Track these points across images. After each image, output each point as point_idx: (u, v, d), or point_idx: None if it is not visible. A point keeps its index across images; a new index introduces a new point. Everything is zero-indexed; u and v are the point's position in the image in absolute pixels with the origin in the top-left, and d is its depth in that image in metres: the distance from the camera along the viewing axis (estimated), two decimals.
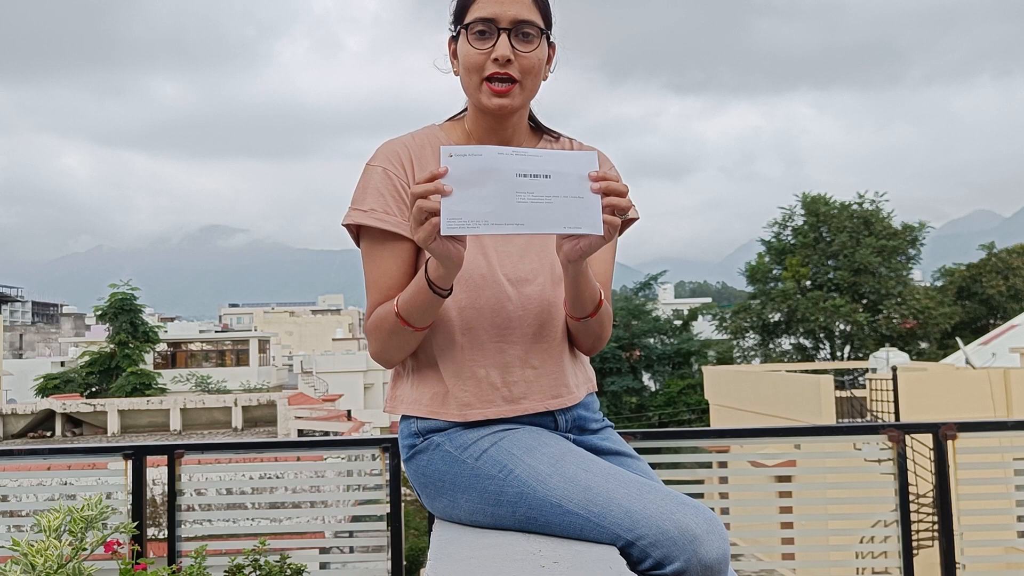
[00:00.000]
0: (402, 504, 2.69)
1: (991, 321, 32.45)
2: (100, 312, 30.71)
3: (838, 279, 31.58)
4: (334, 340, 55.09)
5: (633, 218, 1.68)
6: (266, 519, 2.94)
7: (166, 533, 2.70)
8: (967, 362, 16.33)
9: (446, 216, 1.27)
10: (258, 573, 2.49)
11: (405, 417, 1.60)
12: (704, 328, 38.27)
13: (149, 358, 32.51)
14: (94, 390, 29.57)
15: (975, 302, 33.48)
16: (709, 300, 60.77)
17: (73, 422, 22.33)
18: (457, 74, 1.60)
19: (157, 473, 2.78)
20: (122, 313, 30.17)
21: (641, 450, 2.09)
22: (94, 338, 37.98)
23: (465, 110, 1.66)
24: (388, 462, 2.70)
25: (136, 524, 2.31)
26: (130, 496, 2.68)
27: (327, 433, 20.01)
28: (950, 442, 2.75)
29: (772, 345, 33.18)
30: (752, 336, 33.59)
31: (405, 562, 2.67)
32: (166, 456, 2.72)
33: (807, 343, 32.66)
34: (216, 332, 47.30)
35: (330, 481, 2.88)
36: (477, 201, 1.29)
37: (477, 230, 1.28)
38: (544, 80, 1.61)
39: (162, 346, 37.61)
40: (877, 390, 14.06)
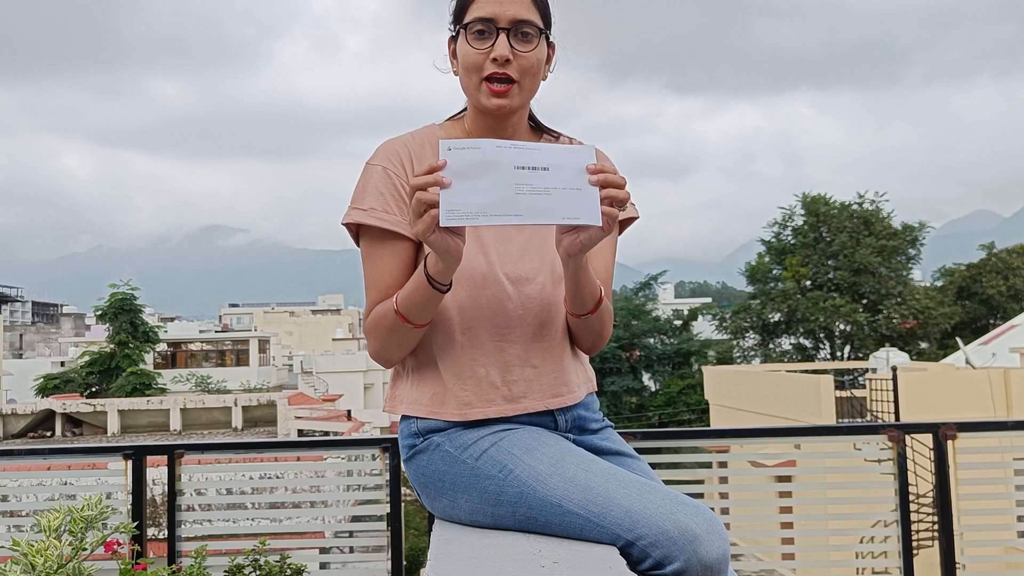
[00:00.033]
0: (402, 504, 2.69)
1: (991, 321, 32.45)
2: (100, 312, 30.72)
3: (838, 279, 31.58)
4: (334, 340, 55.09)
5: (633, 217, 1.69)
6: (266, 519, 2.94)
7: (166, 533, 2.70)
8: (967, 362, 16.33)
9: (445, 208, 1.27)
10: (258, 573, 2.49)
11: (405, 417, 1.60)
12: (704, 328, 38.27)
13: (149, 358, 32.51)
14: (94, 390, 29.57)
15: (975, 302, 33.48)
16: (709, 300, 60.76)
17: (73, 422, 22.33)
18: (457, 74, 1.60)
19: (157, 473, 2.78)
20: (122, 313, 30.18)
21: (641, 450, 2.09)
22: (94, 338, 37.99)
23: (465, 110, 1.66)
24: (388, 462, 2.70)
25: (136, 524, 2.31)
26: (130, 496, 2.68)
27: (327, 433, 20.00)
28: (950, 442, 2.75)
29: (772, 345, 33.18)
30: (752, 336, 33.59)
31: (405, 562, 2.67)
32: (166, 456, 2.72)
33: (807, 343, 32.66)
34: (216, 332, 47.31)
35: (330, 481, 2.88)
36: (476, 193, 1.28)
37: (476, 221, 1.28)
38: (544, 80, 1.61)
39: (162, 346, 37.61)
40: (877, 390, 14.06)
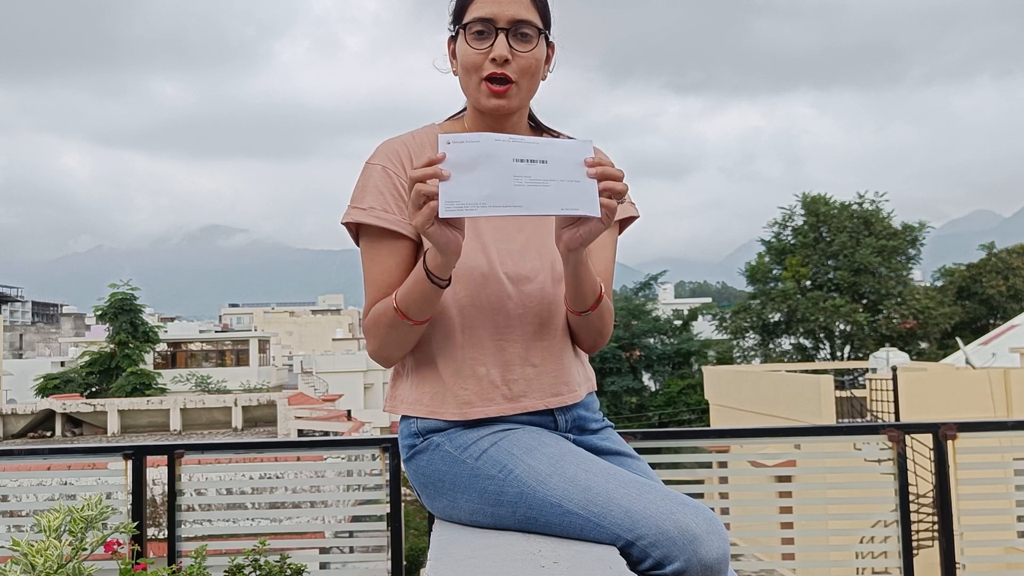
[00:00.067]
0: (402, 504, 2.69)
1: (991, 321, 32.46)
2: (100, 312, 30.72)
3: (838, 279, 31.58)
4: (334, 340, 55.09)
5: (633, 216, 1.69)
6: (266, 519, 2.94)
7: (166, 533, 2.70)
8: (967, 362, 16.33)
9: (444, 199, 1.27)
10: (258, 573, 2.49)
11: (405, 417, 1.60)
12: (704, 328, 38.27)
13: (149, 358, 32.52)
14: (94, 390, 29.57)
15: (975, 302, 33.49)
16: (709, 300, 60.76)
17: (73, 422, 22.34)
18: (456, 74, 1.60)
19: (157, 473, 2.78)
20: (122, 313, 30.19)
21: (641, 450, 2.09)
22: (94, 338, 37.99)
23: (464, 110, 1.66)
24: (388, 462, 2.70)
25: (136, 524, 2.31)
26: (130, 496, 2.68)
27: (327, 433, 20.00)
28: (950, 442, 2.75)
29: (772, 345, 33.18)
30: (752, 336, 33.59)
31: (405, 562, 2.67)
32: (166, 456, 2.72)
33: (807, 343, 32.66)
34: (216, 332, 47.31)
35: (330, 481, 2.88)
36: (475, 185, 1.29)
37: (475, 212, 1.28)
38: (543, 80, 1.61)
39: (162, 346, 37.62)
40: (877, 390, 14.06)
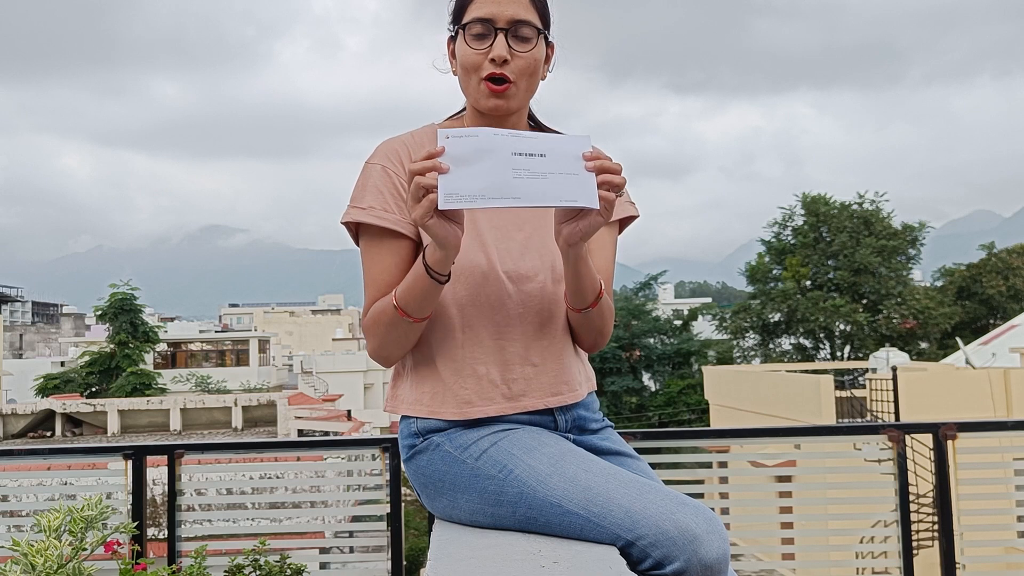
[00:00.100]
0: (402, 504, 2.69)
1: (991, 321, 32.46)
2: (100, 312, 30.72)
3: (838, 279, 31.58)
4: (334, 340, 55.08)
5: (633, 215, 1.69)
6: (266, 519, 2.94)
7: (166, 533, 2.70)
8: (967, 362, 16.33)
9: (443, 191, 1.28)
10: (258, 573, 2.49)
11: (405, 417, 1.60)
12: (704, 328, 38.26)
13: (149, 358, 32.51)
14: (94, 390, 29.57)
15: (975, 302, 33.48)
16: (709, 300, 60.75)
17: (73, 422, 22.34)
18: (456, 74, 1.60)
19: (157, 473, 2.78)
20: (122, 313, 30.18)
21: (641, 450, 2.09)
22: (94, 338, 37.99)
23: (464, 110, 1.66)
24: (388, 462, 2.70)
25: (136, 524, 2.31)
26: (130, 496, 2.68)
27: (327, 433, 20.00)
28: (950, 442, 2.75)
29: (772, 345, 33.18)
30: (752, 336, 33.59)
31: (405, 562, 2.67)
32: (166, 456, 2.72)
33: (807, 343, 32.66)
34: (216, 332, 47.31)
35: (330, 481, 2.88)
36: (473, 178, 1.30)
37: (474, 204, 1.29)
38: (543, 80, 1.61)
39: (162, 346, 37.62)
40: (877, 390, 14.06)
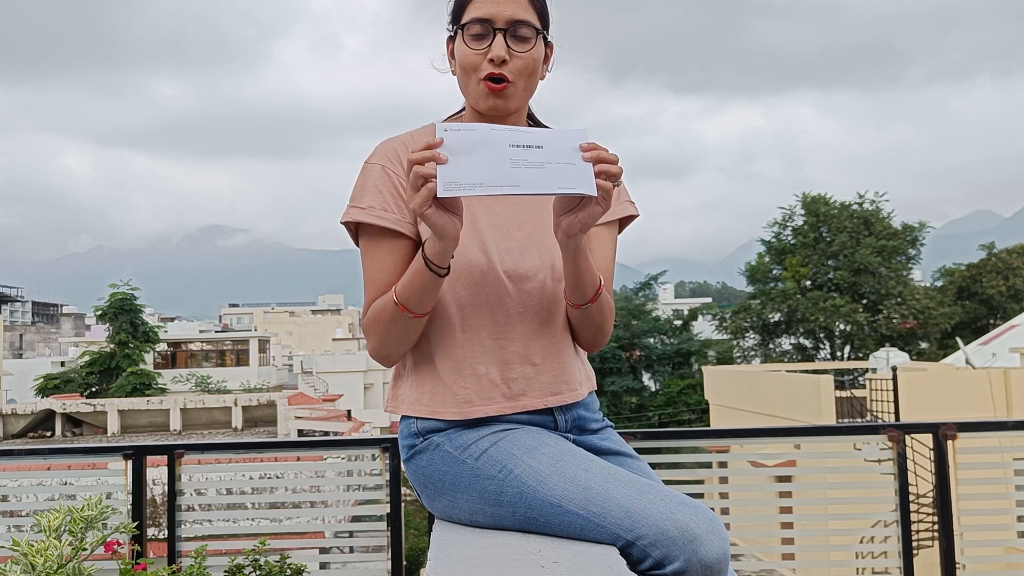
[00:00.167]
0: (402, 504, 2.69)
1: (991, 321, 32.45)
2: (100, 312, 30.72)
3: (838, 279, 31.58)
4: (334, 340, 55.08)
5: (633, 215, 1.69)
6: (266, 519, 2.94)
7: (166, 533, 2.70)
8: (967, 362, 16.33)
9: (442, 180, 1.30)
10: (258, 573, 2.49)
11: (405, 417, 1.60)
12: (704, 328, 38.26)
13: (149, 358, 32.51)
14: (94, 390, 29.57)
15: (975, 302, 33.48)
16: (709, 300, 60.76)
17: (73, 422, 22.34)
18: (455, 74, 1.60)
19: (157, 473, 2.78)
20: (122, 313, 30.18)
21: (641, 450, 2.09)
22: (94, 338, 37.99)
23: (463, 110, 1.66)
24: (388, 462, 2.70)
25: (136, 524, 2.31)
26: (130, 496, 2.68)
27: (327, 433, 20.01)
28: (950, 442, 2.75)
29: (772, 345, 33.17)
30: (752, 336, 33.59)
31: (405, 562, 2.67)
32: (166, 456, 2.72)
33: (807, 343, 32.65)
34: (216, 332, 47.31)
35: (330, 481, 2.88)
36: (472, 167, 1.32)
37: (473, 192, 1.30)
38: (542, 80, 1.61)
39: (162, 346, 37.62)
40: (877, 390, 14.06)
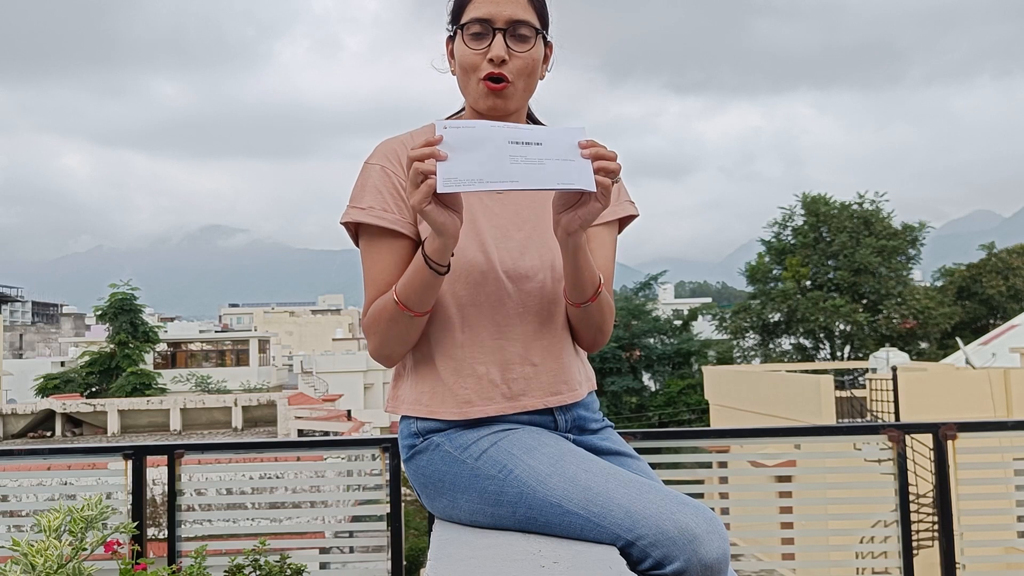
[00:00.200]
0: (402, 504, 2.69)
1: (991, 321, 32.45)
2: (100, 312, 30.72)
3: (838, 279, 31.58)
4: (334, 340, 55.09)
5: (633, 215, 1.69)
6: (266, 519, 2.94)
7: (166, 533, 2.70)
8: (967, 362, 16.33)
9: (442, 176, 1.31)
10: (258, 573, 2.49)
11: (405, 417, 1.60)
12: (704, 328, 38.26)
13: (149, 358, 32.52)
14: (94, 390, 29.57)
15: (975, 302, 33.48)
16: (709, 300, 60.76)
17: (73, 422, 22.34)
18: (455, 74, 1.60)
19: (157, 473, 2.78)
20: (122, 313, 30.19)
21: (641, 450, 2.09)
22: (94, 338, 38.00)
23: (463, 110, 1.66)
24: (388, 462, 2.70)
25: (136, 524, 2.31)
26: (130, 496, 2.68)
27: (327, 433, 20.00)
28: (950, 442, 2.75)
29: (772, 345, 33.17)
30: (752, 336, 33.58)
31: (405, 562, 2.67)
32: (166, 456, 2.72)
33: (807, 343, 32.65)
34: (216, 332, 47.31)
35: (330, 481, 2.88)
36: (472, 163, 1.33)
37: (472, 187, 1.31)
38: (541, 79, 1.62)
39: (162, 346, 37.62)
40: (877, 390, 14.06)
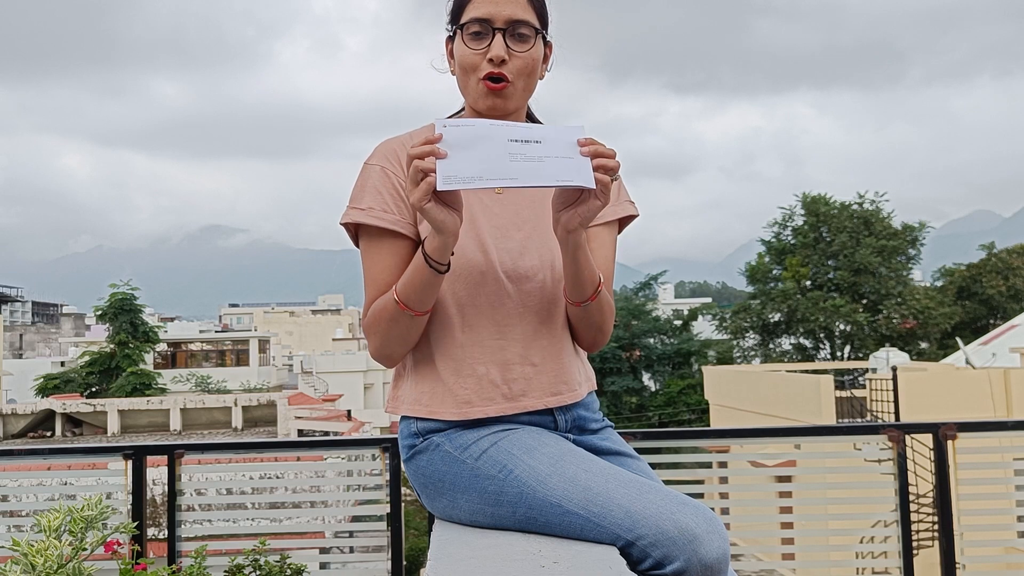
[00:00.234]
0: (402, 504, 2.69)
1: (991, 321, 32.45)
2: (100, 312, 30.73)
3: (838, 279, 31.58)
4: (334, 340, 55.09)
5: (633, 215, 1.69)
6: (266, 519, 2.94)
7: (166, 533, 2.70)
8: (967, 362, 16.33)
9: (441, 174, 1.31)
10: (258, 573, 2.49)
11: (405, 417, 1.60)
12: (704, 328, 38.26)
13: (149, 358, 32.52)
14: (94, 390, 29.57)
15: (975, 302, 33.48)
16: (709, 300, 60.76)
17: (73, 422, 22.34)
18: (454, 74, 1.60)
19: (157, 473, 2.78)
20: (122, 313, 30.19)
21: (641, 450, 2.09)
22: (94, 338, 38.00)
23: (462, 110, 1.66)
24: (388, 462, 2.70)
25: (136, 524, 2.31)
26: (130, 496, 2.68)
27: (327, 433, 20.00)
28: (950, 442, 2.75)
29: (772, 345, 33.17)
30: (752, 336, 33.58)
31: (405, 562, 2.67)
32: (166, 456, 2.72)
33: (807, 343, 32.65)
34: (216, 332, 47.32)
35: (330, 481, 2.88)
36: (471, 161, 1.34)
37: (472, 185, 1.32)
38: (541, 79, 1.62)
39: (162, 346, 37.62)
40: (877, 390, 14.06)
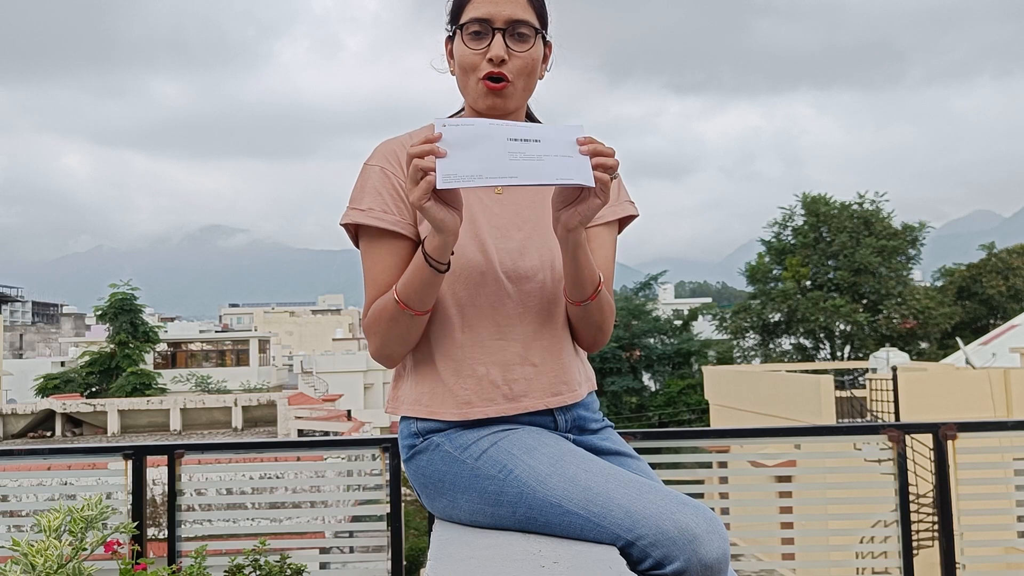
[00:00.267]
0: (402, 504, 2.69)
1: (991, 321, 32.46)
2: (100, 312, 30.73)
3: (838, 279, 31.58)
4: (334, 340, 55.09)
5: (633, 215, 1.69)
6: (266, 519, 2.94)
7: (166, 533, 2.70)
8: (967, 362, 16.33)
9: (441, 172, 1.31)
10: (258, 573, 2.49)
11: (405, 417, 1.60)
12: (704, 328, 38.27)
13: (149, 358, 32.52)
14: (94, 390, 29.58)
15: (975, 302, 33.48)
16: (709, 300, 60.77)
17: (73, 422, 22.34)
18: (454, 74, 1.61)
19: (157, 473, 2.78)
20: (122, 313, 30.19)
21: (641, 450, 2.09)
22: (94, 338, 38.01)
23: (462, 110, 1.66)
24: (388, 462, 2.70)
25: (136, 524, 2.31)
26: (130, 496, 2.68)
27: (327, 433, 20.01)
28: (950, 442, 2.76)
29: (772, 345, 33.18)
30: (752, 336, 33.59)
31: (405, 562, 2.67)
32: (166, 456, 2.72)
33: (807, 343, 32.66)
34: (216, 332, 47.32)
35: (330, 481, 2.88)
36: (471, 160, 1.34)
37: (471, 183, 1.32)
38: (541, 79, 1.62)
39: (162, 346, 37.62)
40: (877, 390, 14.06)
